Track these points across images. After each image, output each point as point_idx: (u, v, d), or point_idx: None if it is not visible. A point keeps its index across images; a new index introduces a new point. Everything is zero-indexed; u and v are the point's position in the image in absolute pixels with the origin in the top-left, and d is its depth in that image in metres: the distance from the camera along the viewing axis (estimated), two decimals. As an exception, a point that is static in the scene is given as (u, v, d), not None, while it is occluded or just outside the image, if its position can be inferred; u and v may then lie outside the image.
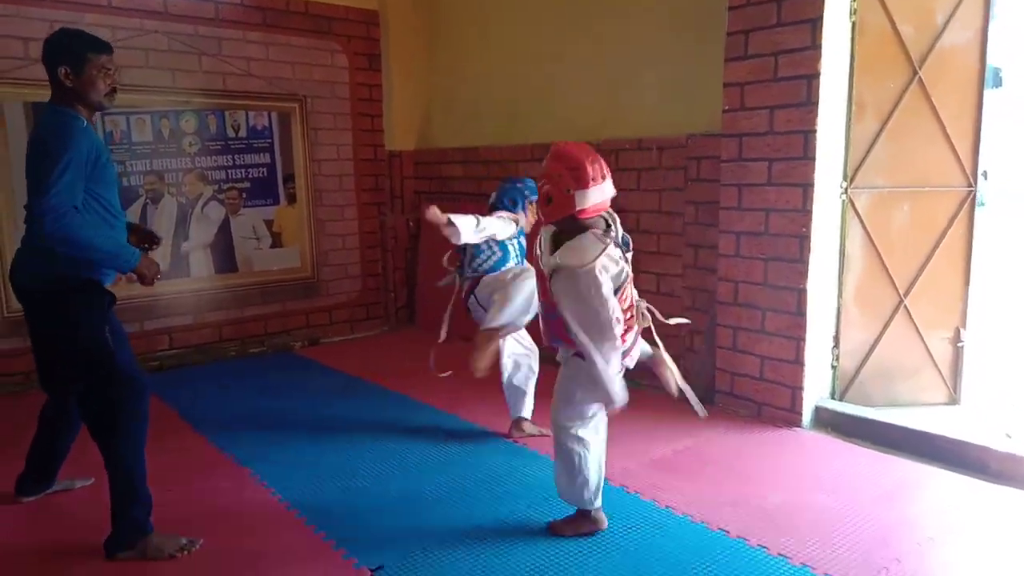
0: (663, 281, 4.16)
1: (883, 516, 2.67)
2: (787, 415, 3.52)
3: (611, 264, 2.26)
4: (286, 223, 5.31)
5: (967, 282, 3.56)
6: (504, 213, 3.26)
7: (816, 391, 3.54)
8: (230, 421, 3.69)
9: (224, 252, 5.04)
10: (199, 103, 4.81)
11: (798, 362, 3.45)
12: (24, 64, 4.15)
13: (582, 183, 2.18)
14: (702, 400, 3.83)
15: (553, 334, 2.42)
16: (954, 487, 2.90)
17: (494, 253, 3.26)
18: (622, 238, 2.33)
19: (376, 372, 4.52)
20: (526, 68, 4.91)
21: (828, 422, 3.49)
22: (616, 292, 2.28)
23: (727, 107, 3.57)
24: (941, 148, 3.44)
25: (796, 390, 3.48)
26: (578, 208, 2.21)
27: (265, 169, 5.16)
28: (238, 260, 5.11)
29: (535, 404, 3.42)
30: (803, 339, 3.42)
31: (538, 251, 2.39)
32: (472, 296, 3.31)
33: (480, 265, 3.28)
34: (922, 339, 3.60)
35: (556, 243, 2.33)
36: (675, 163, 4.00)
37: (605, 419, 2.52)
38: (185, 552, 2.44)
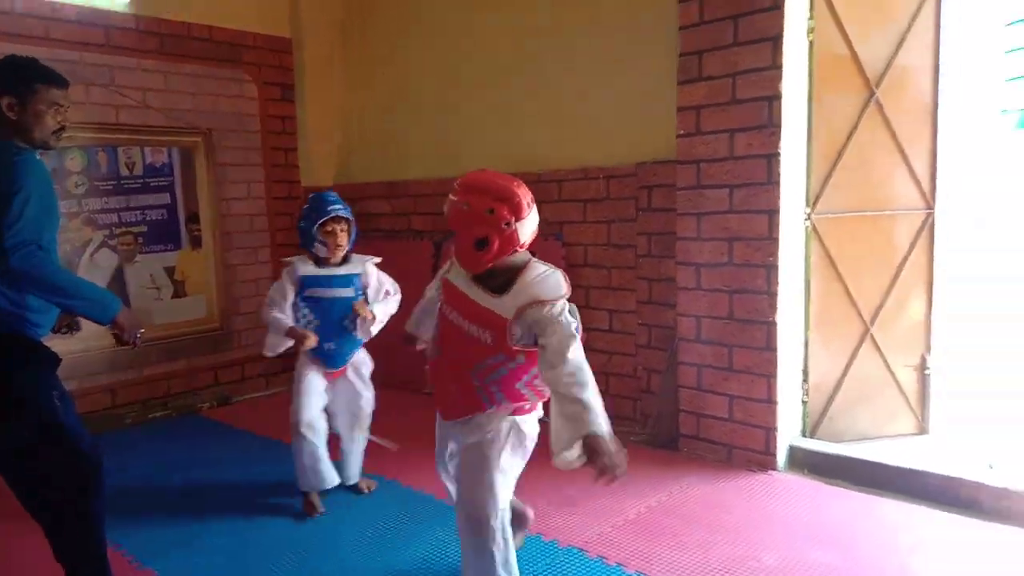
0: (616, 318, 3.87)
1: (890, 571, 2.42)
2: (761, 457, 3.26)
3: None
4: (190, 270, 4.74)
5: (930, 307, 3.45)
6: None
7: (788, 429, 3.31)
8: (128, 508, 3.03)
9: (118, 305, 4.42)
10: (87, 138, 4.23)
11: (770, 400, 3.22)
12: None
13: (519, 213, 1.89)
14: (664, 446, 3.63)
15: (496, 392, 2.00)
16: (951, 529, 2.70)
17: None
18: None
19: (301, 433, 3.99)
20: (458, 95, 4.59)
21: (804, 462, 3.26)
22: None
23: (682, 132, 3.35)
24: (900, 170, 3.33)
25: (770, 430, 3.23)
26: (522, 241, 1.93)
27: (165, 211, 4.60)
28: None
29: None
30: (774, 375, 3.19)
31: (445, 304, 2.06)
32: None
33: None
34: (888, 368, 3.45)
35: (489, 283, 1.96)
36: (624, 192, 3.76)
37: None
38: None
